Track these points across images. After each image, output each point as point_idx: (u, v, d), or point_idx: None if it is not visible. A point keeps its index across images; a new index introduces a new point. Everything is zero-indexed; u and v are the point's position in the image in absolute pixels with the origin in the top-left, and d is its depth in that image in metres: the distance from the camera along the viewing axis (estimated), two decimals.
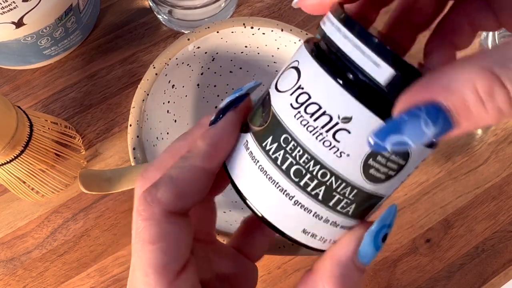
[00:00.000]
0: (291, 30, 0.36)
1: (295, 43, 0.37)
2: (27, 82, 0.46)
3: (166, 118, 0.39)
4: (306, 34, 0.36)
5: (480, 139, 0.45)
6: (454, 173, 0.45)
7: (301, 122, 0.18)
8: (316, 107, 0.18)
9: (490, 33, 0.41)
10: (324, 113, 0.18)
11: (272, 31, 0.37)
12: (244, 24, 0.36)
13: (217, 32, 0.36)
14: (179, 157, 0.21)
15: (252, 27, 0.36)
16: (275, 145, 0.19)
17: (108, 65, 0.46)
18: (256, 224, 0.26)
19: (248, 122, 0.21)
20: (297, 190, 0.19)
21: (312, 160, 0.18)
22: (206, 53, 0.38)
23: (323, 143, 0.18)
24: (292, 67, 0.20)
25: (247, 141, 0.20)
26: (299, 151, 0.18)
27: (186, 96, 0.40)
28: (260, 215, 0.20)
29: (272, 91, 0.20)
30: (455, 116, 0.14)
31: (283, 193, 0.19)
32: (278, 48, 0.38)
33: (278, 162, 0.19)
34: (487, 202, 0.44)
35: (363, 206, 0.19)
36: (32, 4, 0.37)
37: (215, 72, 0.40)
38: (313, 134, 0.18)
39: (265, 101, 0.20)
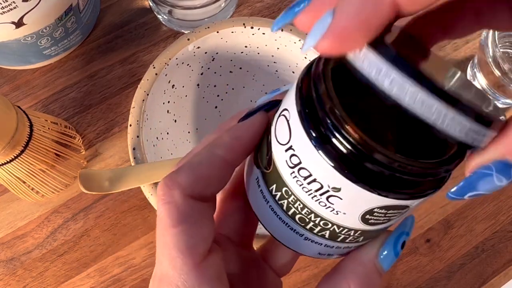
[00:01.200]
0: (291, 30, 0.36)
1: (295, 43, 0.37)
2: (27, 82, 0.46)
3: (166, 118, 0.39)
4: (306, 34, 0.36)
5: None
6: (454, 173, 0.44)
7: (296, 181, 0.18)
8: (307, 173, 0.18)
9: (490, 33, 0.41)
10: (315, 180, 0.18)
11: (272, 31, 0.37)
12: (244, 24, 0.36)
13: (217, 32, 0.36)
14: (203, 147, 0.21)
15: (252, 27, 0.36)
16: (279, 193, 0.19)
17: (108, 65, 0.46)
18: None
19: (257, 156, 0.21)
20: (305, 231, 0.20)
21: (312, 213, 0.19)
22: (206, 53, 0.38)
23: (319, 203, 0.18)
24: (284, 116, 0.19)
25: (258, 178, 0.21)
26: (299, 204, 0.19)
27: (186, 96, 0.40)
28: (278, 240, 0.21)
29: (272, 134, 0.19)
30: None
31: (293, 231, 0.20)
32: (278, 48, 0.38)
33: (284, 208, 0.20)
34: (487, 202, 0.44)
35: (370, 236, 0.20)
36: (32, 4, 0.37)
37: (215, 72, 0.40)
38: (309, 195, 0.18)
39: (268, 141, 0.20)
